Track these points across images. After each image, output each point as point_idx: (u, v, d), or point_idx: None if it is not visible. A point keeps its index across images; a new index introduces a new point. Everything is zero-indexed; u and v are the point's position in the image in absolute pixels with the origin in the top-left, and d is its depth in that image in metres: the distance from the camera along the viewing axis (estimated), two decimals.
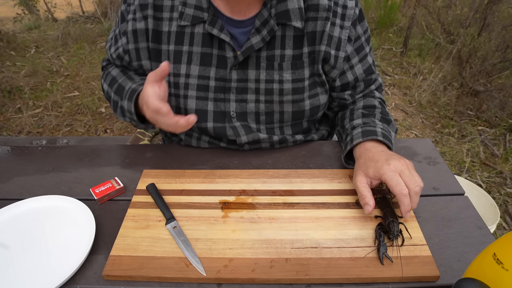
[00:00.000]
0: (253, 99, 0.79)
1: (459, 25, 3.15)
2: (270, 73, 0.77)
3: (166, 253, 0.58)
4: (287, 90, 0.78)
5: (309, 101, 0.80)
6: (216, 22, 0.73)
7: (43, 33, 4.04)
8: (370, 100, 0.85)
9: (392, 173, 0.62)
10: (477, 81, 2.73)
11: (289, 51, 0.76)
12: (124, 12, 0.79)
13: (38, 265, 0.57)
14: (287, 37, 0.75)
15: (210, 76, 0.77)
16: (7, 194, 0.73)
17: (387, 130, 0.76)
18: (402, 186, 0.61)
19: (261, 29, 0.73)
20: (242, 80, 0.77)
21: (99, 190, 0.71)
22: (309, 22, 0.75)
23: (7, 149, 0.87)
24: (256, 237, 0.61)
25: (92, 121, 2.52)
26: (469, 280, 0.43)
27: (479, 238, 0.62)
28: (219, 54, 0.76)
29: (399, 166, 0.63)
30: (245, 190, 0.71)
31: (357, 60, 0.82)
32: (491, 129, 2.46)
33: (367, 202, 0.63)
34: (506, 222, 1.75)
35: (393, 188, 0.61)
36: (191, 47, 0.76)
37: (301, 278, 0.55)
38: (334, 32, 0.76)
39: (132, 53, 0.80)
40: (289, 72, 0.77)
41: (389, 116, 0.82)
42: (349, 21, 0.76)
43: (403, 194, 0.60)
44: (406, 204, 0.60)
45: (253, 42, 0.73)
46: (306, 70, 0.78)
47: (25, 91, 2.84)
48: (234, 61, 0.75)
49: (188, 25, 0.75)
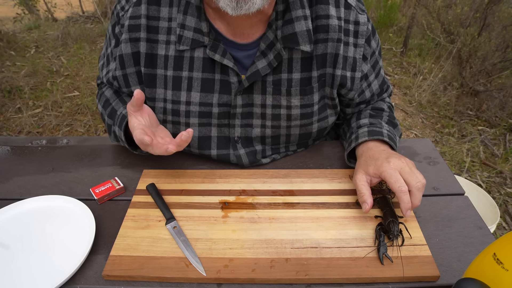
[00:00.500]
0: (258, 124, 0.76)
1: (459, 25, 3.15)
2: (277, 98, 0.73)
3: (166, 253, 0.58)
4: (295, 115, 0.75)
5: (317, 124, 0.78)
6: (217, 47, 0.69)
7: (43, 33, 4.04)
8: (379, 103, 0.84)
9: (391, 171, 0.62)
10: (477, 81, 2.73)
11: (297, 75, 0.72)
12: (118, 34, 0.73)
13: (38, 265, 0.57)
14: (294, 60, 0.71)
15: (213, 103, 0.72)
16: (7, 194, 0.73)
17: (392, 133, 0.76)
18: (402, 183, 0.60)
19: (267, 52, 0.69)
20: (248, 105, 0.74)
21: (99, 190, 0.71)
22: (319, 44, 0.70)
23: (7, 149, 0.87)
24: (256, 237, 0.61)
25: (92, 121, 2.52)
26: (469, 280, 0.43)
27: (479, 238, 0.62)
28: (222, 79, 0.71)
29: (399, 164, 0.63)
30: (245, 190, 0.71)
31: (374, 76, 0.80)
32: (491, 129, 2.46)
33: (365, 200, 0.63)
34: (506, 222, 1.75)
35: (392, 185, 0.61)
36: (191, 72, 0.71)
37: (301, 278, 0.55)
38: (349, 52, 0.72)
39: (120, 79, 0.75)
40: (297, 98, 0.73)
41: (396, 120, 0.81)
42: (362, 38, 0.73)
43: (402, 191, 0.60)
44: (406, 202, 0.59)
45: (259, 67, 0.69)
46: (315, 95, 0.74)
47: (25, 91, 2.84)
48: (239, 86, 0.71)
49: (187, 49, 0.70)
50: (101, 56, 0.83)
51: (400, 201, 0.60)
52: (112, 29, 0.75)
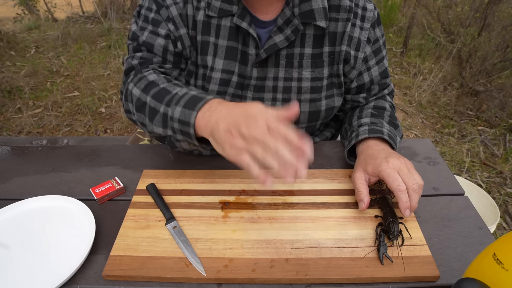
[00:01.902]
0: (270, 98, 0.79)
1: (459, 25, 3.15)
2: (289, 71, 0.76)
3: (166, 253, 0.58)
4: (306, 88, 0.78)
5: (325, 101, 0.80)
6: (245, 16, 0.72)
7: (43, 33, 4.04)
8: (381, 102, 0.85)
9: (390, 170, 0.62)
10: (477, 81, 2.73)
11: (309, 50, 0.76)
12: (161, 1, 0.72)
13: (38, 265, 0.57)
14: (307, 36, 0.75)
15: (234, 71, 0.76)
16: (7, 194, 0.73)
17: (393, 133, 0.76)
18: (400, 182, 0.61)
19: (284, 28, 0.73)
20: (261, 78, 0.77)
21: (99, 190, 0.71)
22: (331, 23, 0.75)
23: (7, 149, 0.87)
24: (256, 237, 0.61)
25: (92, 121, 2.52)
26: (469, 280, 0.43)
27: (479, 238, 0.62)
28: (242, 50, 0.75)
29: (397, 164, 0.63)
30: (245, 190, 0.71)
31: (374, 62, 0.82)
32: (491, 129, 2.46)
33: (362, 198, 0.64)
34: (506, 222, 1.75)
35: (390, 184, 0.62)
36: (217, 39, 0.74)
37: (301, 278, 0.55)
38: (355, 33, 0.76)
39: (185, 38, 0.74)
40: (308, 70, 0.77)
41: (397, 121, 0.82)
42: (368, 23, 0.77)
43: (400, 190, 0.60)
44: (404, 200, 0.60)
45: (276, 41, 0.73)
46: (325, 69, 0.78)
47: (25, 91, 2.84)
48: (256, 58, 0.74)
49: (214, 17, 0.73)
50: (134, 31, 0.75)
51: (399, 200, 0.61)
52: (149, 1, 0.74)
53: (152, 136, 0.72)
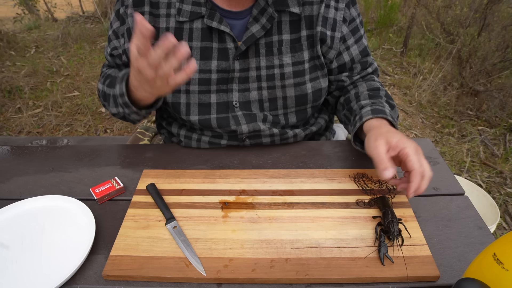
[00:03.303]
0: (255, 87, 0.80)
1: (459, 25, 3.15)
2: (270, 59, 0.78)
3: (166, 253, 0.58)
4: (288, 73, 0.79)
5: (310, 84, 0.81)
6: (214, 15, 0.75)
7: (43, 33, 4.04)
8: (372, 83, 0.86)
9: (415, 150, 0.63)
10: (477, 81, 2.73)
11: (287, 36, 0.78)
12: (123, 15, 0.79)
13: (38, 265, 0.57)
14: (283, 23, 0.77)
15: (211, 69, 0.77)
16: (7, 194, 0.73)
17: (393, 114, 0.77)
18: (424, 165, 0.61)
19: (259, 17, 0.75)
20: (244, 69, 0.79)
21: (99, 190, 0.71)
22: (306, 6, 0.77)
23: (7, 149, 0.87)
24: (256, 237, 0.61)
25: (92, 121, 2.52)
26: (469, 280, 0.43)
27: (479, 238, 0.62)
28: (220, 47, 0.77)
29: (419, 149, 0.64)
30: (245, 190, 0.71)
31: (353, 41, 0.84)
32: (491, 129, 2.46)
33: (387, 167, 0.62)
34: (506, 222, 1.75)
35: (413, 164, 0.61)
36: (190, 42, 0.77)
37: (301, 278, 0.55)
38: (329, 14, 0.78)
39: (128, 52, 0.80)
40: (288, 56, 0.78)
41: (393, 100, 0.83)
42: (343, 3, 0.79)
43: (421, 173, 0.61)
44: (418, 183, 0.60)
45: (253, 31, 0.75)
46: (305, 52, 0.79)
47: (25, 91, 2.84)
48: (236, 51, 0.76)
49: (186, 21, 0.76)
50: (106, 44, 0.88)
51: (413, 181, 0.61)
52: (115, 13, 0.82)
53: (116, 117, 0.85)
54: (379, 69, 3.34)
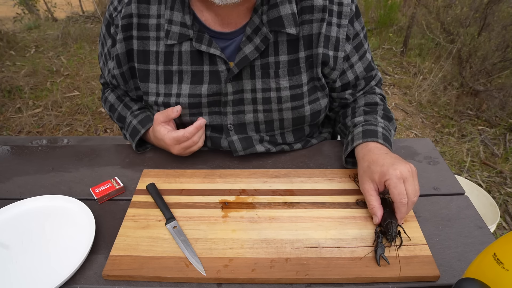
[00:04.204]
0: (250, 110, 0.77)
1: (459, 25, 3.15)
2: (266, 81, 0.74)
3: (166, 253, 0.58)
4: (285, 97, 0.75)
5: (309, 107, 0.78)
6: (202, 38, 0.71)
7: (43, 33, 4.04)
8: (371, 97, 0.83)
9: (396, 180, 0.61)
10: (477, 80, 2.73)
11: (284, 57, 0.73)
12: (114, 35, 0.76)
13: (38, 265, 0.57)
14: (280, 43, 0.72)
15: (201, 94, 0.74)
16: (7, 194, 0.73)
17: (387, 129, 0.75)
18: (404, 196, 0.60)
19: (253, 37, 0.70)
20: (238, 91, 0.75)
21: (99, 190, 0.71)
22: (305, 26, 0.72)
23: (7, 149, 0.87)
24: (256, 237, 0.61)
25: (92, 121, 2.52)
26: (469, 280, 0.43)
27: (479, 238, 0.62)
28: (211, 70, 0.73)
29: (405, 172, 0.62)
30: (245, 190, 0.71)
31: (357, 58, 0.79)
32: (491, 128, 2.46)
33: (375, 212, 0.63)
34: (506, 222, 1.75)
35: (394, 196, 0.61)
36: (180, 66, 0.73)
37: (301, 278, 0.55)
38: (332, 32, 0.73)
39: (118, 78, 0.80)
40: (286, 79, 0.74)
41: (390, 113, 0.81)
42: (346, 19, 0.73)
43: (403, 204, 0.60)
44: (403, 212, 0.61)
45: (246, 52, 0.70)
46: (303, 75, 0.75)
47: (25, 91, 2.83)
48: (228, 74, 0.72)
49: (175, 44, 0.72)
50: (99, 56, 0.86)
51: (398, 211, 0.62)
52: (106, 29, 0.78)
53: None
54: (379, 69, 3.35)
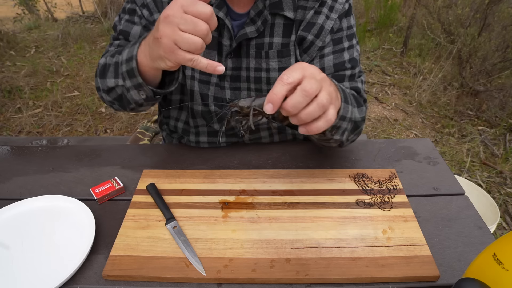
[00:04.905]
0: (245, 87, 0.81)
1: (459, 25, 3.15)
2: (259, 61, 0.78)
3: (166, 253, 0.58)
4: (274, 79, 0.78)
5: None
6: (222, 6, 0.73)
7: (43, 33, 4.04)
8: None
9: (294, 66, 0.50)
10: (477, 81, 2.73)
11: (278, 39, 0.76)
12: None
13: (38, 265, 0.57)
14: (276, 25, 0.76)
15: (214, 60, 0.77)
16: (7, 194, 0.73)
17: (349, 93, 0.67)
18: (288, 76, 0.48)
19: (256, 19, 0.74)
20: (236, 68, 0.79)
21: (99, 190, 0.71)
22: (299, 11, 0.75)
23: (7, 149, 0.87)
24: (256, 237, 0.61)
25: (92, 121, 2.52)
26: (469, 280, 0.43)
27: (479, 238, 0.62)
28: (218, 40, 0.76)
29: (311, 71, 0.50)
30: (245, 190, 0.71)
31: (330, 50, 0.78)
32: (491, 129, 2.46)
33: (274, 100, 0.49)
34: (506, 222, 1.75)
35: (283, 74, 0.49)
36: None
37: (301, 278, 0.55)
38: (318, 19, 0.75)
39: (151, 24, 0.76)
40: (275, 61, 0.77)
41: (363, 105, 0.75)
42: (336, 13, 0.76)
43: (281, 79, 0.48)
44: (275, 92, 0.48)
45: (247, 31, 0.74)
46: (292, 58, 0.78)
47: (25, 91, 2.83)
48: (229, 49, 0.76)
49: None
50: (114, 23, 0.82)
51: (272, 89, 0.49)
52: None
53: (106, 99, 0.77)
54: (379, 69, 3.33)
